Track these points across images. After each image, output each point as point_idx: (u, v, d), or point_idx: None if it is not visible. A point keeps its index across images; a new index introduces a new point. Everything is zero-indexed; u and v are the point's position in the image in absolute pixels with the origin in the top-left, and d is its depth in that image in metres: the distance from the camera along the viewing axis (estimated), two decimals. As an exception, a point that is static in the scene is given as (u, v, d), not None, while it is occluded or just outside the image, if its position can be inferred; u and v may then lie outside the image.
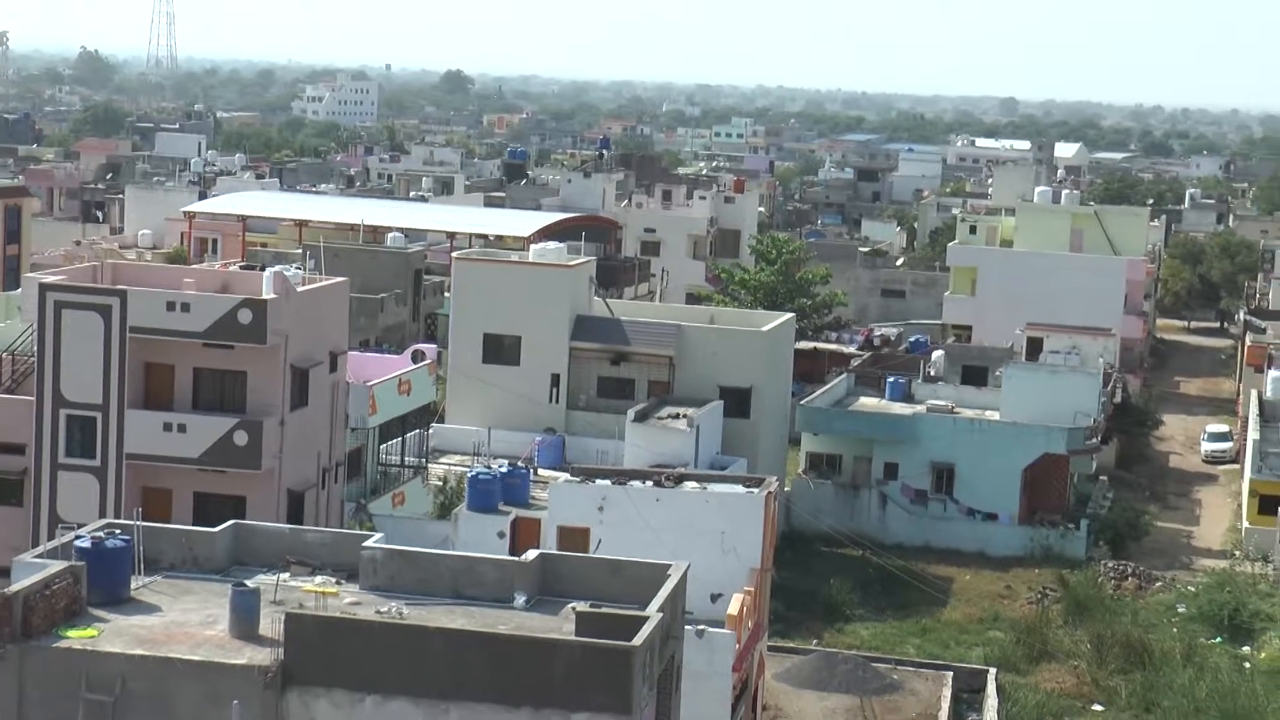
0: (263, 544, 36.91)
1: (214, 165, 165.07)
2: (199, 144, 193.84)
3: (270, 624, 31.59)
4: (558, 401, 71.15)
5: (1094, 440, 77.06)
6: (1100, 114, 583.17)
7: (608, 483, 49.14)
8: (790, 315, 79.08)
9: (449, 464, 66.04)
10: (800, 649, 57.23)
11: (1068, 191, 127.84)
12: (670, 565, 34.76)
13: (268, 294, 51.49)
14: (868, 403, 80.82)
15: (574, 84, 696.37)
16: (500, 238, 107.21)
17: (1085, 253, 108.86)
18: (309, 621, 30.79)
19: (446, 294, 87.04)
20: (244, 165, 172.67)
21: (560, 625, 32.53)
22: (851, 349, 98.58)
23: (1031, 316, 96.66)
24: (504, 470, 55.14)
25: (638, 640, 30.08)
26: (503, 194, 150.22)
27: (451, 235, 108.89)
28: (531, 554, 35.67)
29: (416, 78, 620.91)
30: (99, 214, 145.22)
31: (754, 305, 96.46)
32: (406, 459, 62.87)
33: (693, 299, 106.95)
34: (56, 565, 32.33)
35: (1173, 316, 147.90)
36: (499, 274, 73.63)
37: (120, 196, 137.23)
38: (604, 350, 71.47)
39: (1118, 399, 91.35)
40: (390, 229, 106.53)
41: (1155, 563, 73.10)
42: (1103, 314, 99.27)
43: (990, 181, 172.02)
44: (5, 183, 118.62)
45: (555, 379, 71.35)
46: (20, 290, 56.63)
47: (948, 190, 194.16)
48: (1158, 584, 69.46)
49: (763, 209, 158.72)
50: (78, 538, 34.11)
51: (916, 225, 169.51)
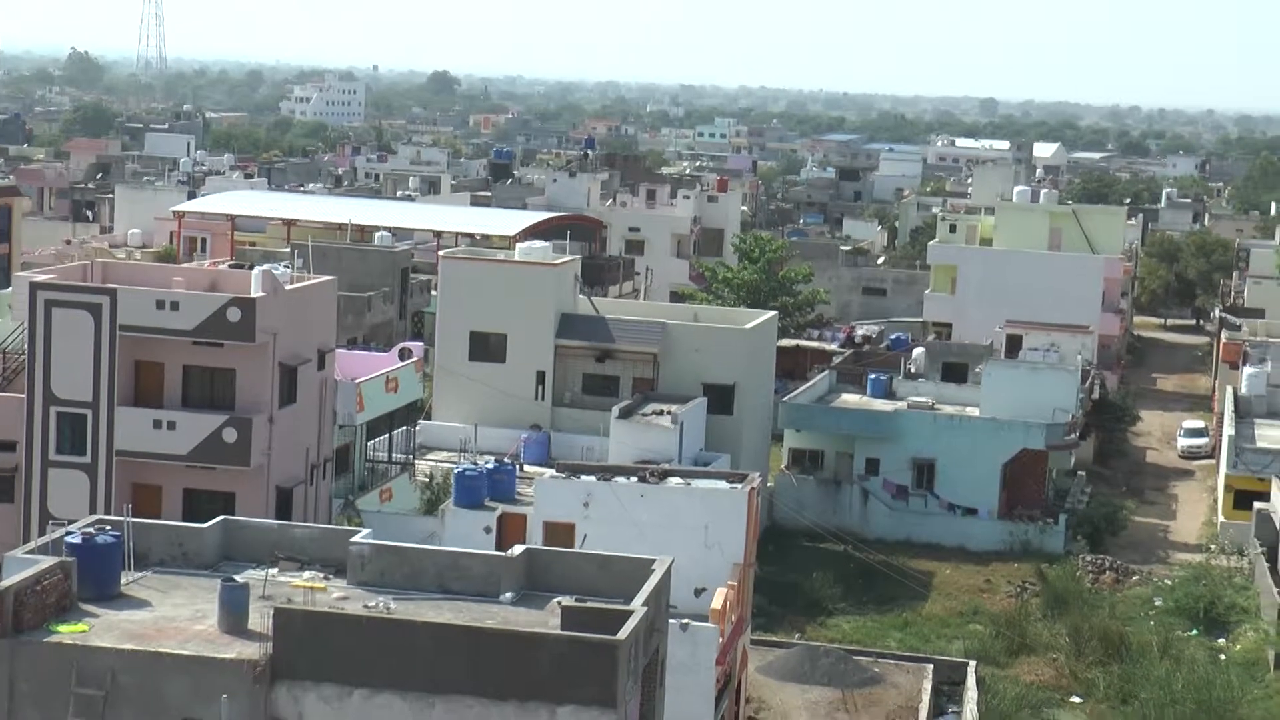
0: (251, 540, 36.90)
1: (203, 165, 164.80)
2: (188, 144, 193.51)
3: (259, 619, 31.59)
4: (543, 398, 71.11)
5: (1072, 436, 77.20)
6: (1078, 114, 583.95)
7: (593, 479, 49.16)
8: (773, 313, 79.07)
9: (436, 460, 65.97)
10: (783, 643, 57.25)
11: (1046, 191, 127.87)
12: (654, 560, 34.80)
13: (256, 292, 51.41)
14: (849, 399, 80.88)
15: (559, 84, 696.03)
16: (486, 237, 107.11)
17: (1063, 251, 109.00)
18: (297, 616, 30.78)
19: (433, 292, 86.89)
20: (233, 165, 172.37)
21: (546, 619, 32.54)
22: (833, 346, 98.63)
23: (1011, 314, 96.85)
24: (490, 466, 55.14)
25: (622, 634, 30.10)
26: (489, 193, 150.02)
27: (438, 234, 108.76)
28: (517, 549, 35.70)
29: (403, 78, 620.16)
30: (89, 213, 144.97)
31: (737, 303, 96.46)
32: (394, 455, 62.83)
33: (676, 297, 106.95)
34: (47, 561, 32.31)
35: (1149, 314, 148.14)
36: (485, 272, 73.57)
37: (110, 196, 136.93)
38: (589, 348, 71.44)
39: (1095, 395, 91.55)
40: (377, 228, 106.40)
41: (1132, 557, 73.25)
42: (1081, 312, 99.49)
43: (970, 181, 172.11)
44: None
45: (541, 376, 71.31)
46: (11, 289, 56.46)
47: (928, 189, 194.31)
48: (1135, 578, 69.61)
49: (745, 208, 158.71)
50: (68, 534, 34.09)
51: (897, 224, 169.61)
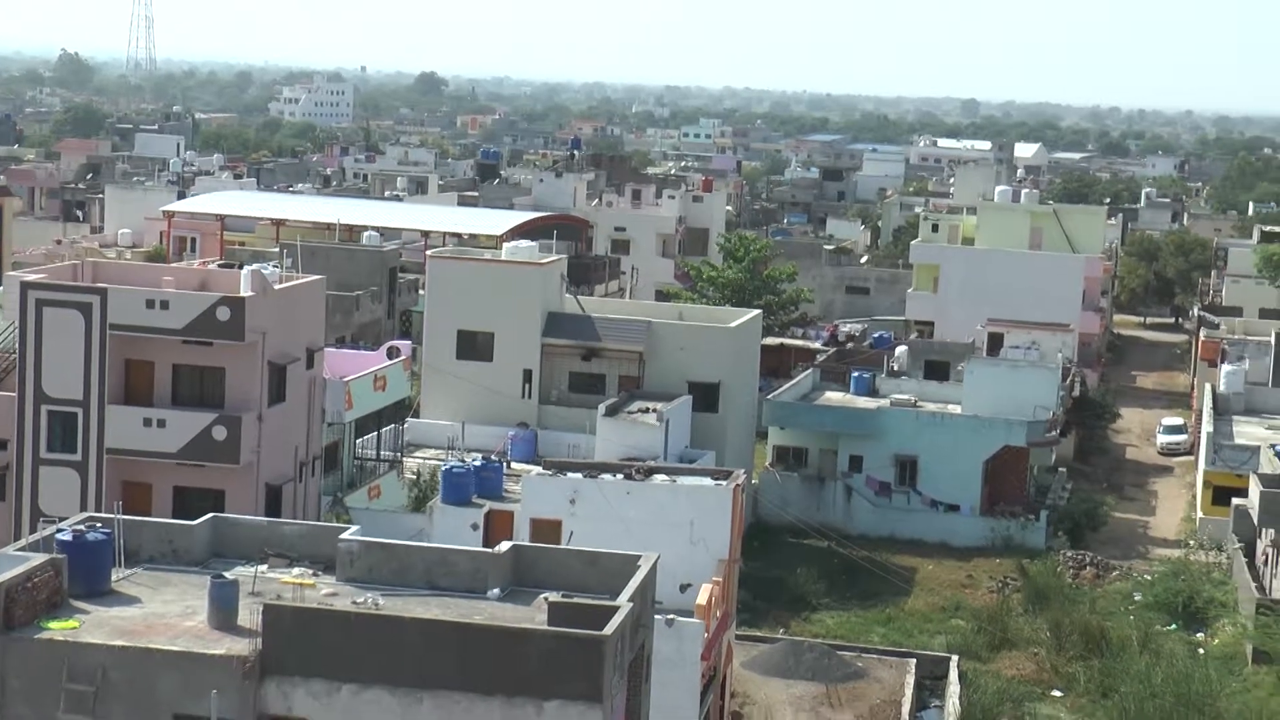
0: (241, 537, 36.88)
1: (192, 165, 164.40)
2: (178, 144, 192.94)
3: (248, 615, 31.56)
4: (530, 396, 71.11)
5: (1053, 433, 77.31)
6: (1059, 115, 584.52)
7: (579, 476, 49.19)
8: (757, 312, 79.09)
9: (424, 458, 65.94)
10: (767, 638, 57.32)
11: (1027, 191, 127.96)
12: (640, 556, 34.82)
13: (245, 292, 51.35)
14: (833, 397, 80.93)
15: (546, 86, 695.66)
16: (473, 236, 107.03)
17: (1044, 250, 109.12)
18: (287, 612, 30.76)
19: (421, 291, 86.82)
20: (222, 165, 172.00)
21: (533, 615, 32.54)
22: (817, 344, 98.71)
23: (992, 312, 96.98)
24: (477, 464, 55.16)
25: (609, 630, 30.12)
26: (476, 193, 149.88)
27: (426, 234, 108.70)
28: (505, 546, 35.70)
29: (391, 79, 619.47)
30: (79, 213, 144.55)
31: (722, 302, 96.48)
32: (382, 453, 62.80)
33: (662, 296, 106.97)
34: (38, 558, 32.25)
35: (1129, 312, 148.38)
36: (472, 272, 73.55)
37: (100, 196, 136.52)
38: (575, 346, 71.44)
39: (1076, 393, 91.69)
40: (366, 228, 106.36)
41: (1112, 552, 73.39)
42: (1061, 310, 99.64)
43: (952, 181, 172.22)
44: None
45: (527, 374, 71.31)
46: (2, 288, 56.36)
47: (910, 189, 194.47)
48: (1115, 573, 69.74)
49: (730, 208, 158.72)
50: (59, 531, 34.03)
51: (880, 224, 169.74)
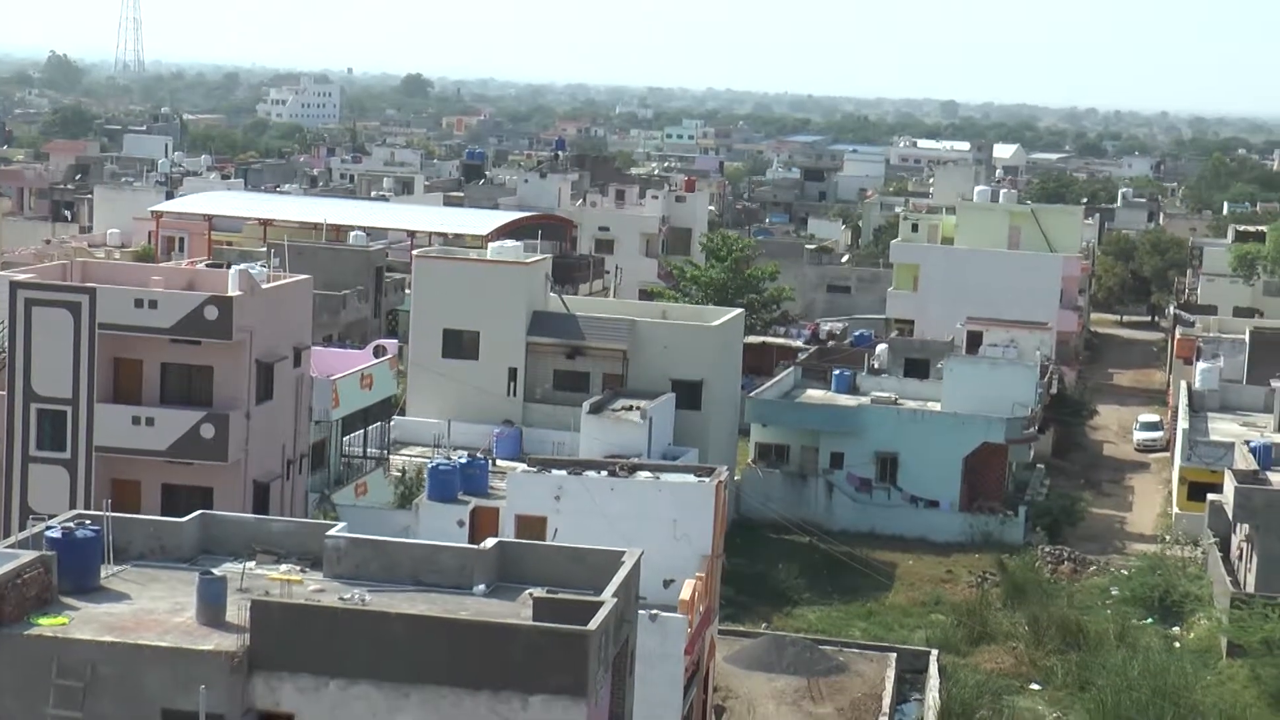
0: (229, 534, 36.81)
1: (180, 166, 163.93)
2: (166, 145, 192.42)
3: (237, 611, 31.51)
4: (515, 394, 71.10)
5: (1031, 430, 77.45)
6: (1037, 116, 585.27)
7: (564, 473, 49.17)
8: (739, 310, 79.13)
9: (410, 455, 65.91)
10: (750, 632, 57.36)
11: (1006, 191, 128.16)
12: (624, 552, 34.82)
13: (233, 291, 51.28)
14: (814, 395, 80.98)
15: (530, 87, 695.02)
16: (459, 236, 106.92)
17: (1022, 250, 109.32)
18: (274, 608, 30.72)
19: (407, 291, 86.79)
20: (210, 166, 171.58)
21: (518, 611, 32.53)
22: (799, 343, 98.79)
23: (971, 311, 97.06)
24: (463, 461, 55.12)
25: (593, 625, 30.12)
26: (461, 194, 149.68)
27: (412, 234, 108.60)
28: (490, 542, 35.67)
29: (377, 81, 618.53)
30: (68, 213, 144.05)
31: (704, 301, 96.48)
32: (368, 451, 62.74)
33: (645, 295, 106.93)
34: (28, 555, 32.15)
35: (1106, 311, 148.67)
36: (458, 271, 73.50)
37: (89, 196, 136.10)
38: (560, 345, 71.43)
39: (1054, 390, 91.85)
40: (352, 228, 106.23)
41: (1090, 547, 73.52)
42: (1039, 309, 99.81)
43: (931, 181, 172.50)
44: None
45: (513, 373, 71.29)
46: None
47: (891, 190, 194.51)
48: (1092, 568, 69.88)
49: (713, 208, 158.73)
50: (48, 528, 33.94)
51: (861, 223, 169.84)
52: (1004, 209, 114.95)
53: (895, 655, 55.74)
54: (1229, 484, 63.64)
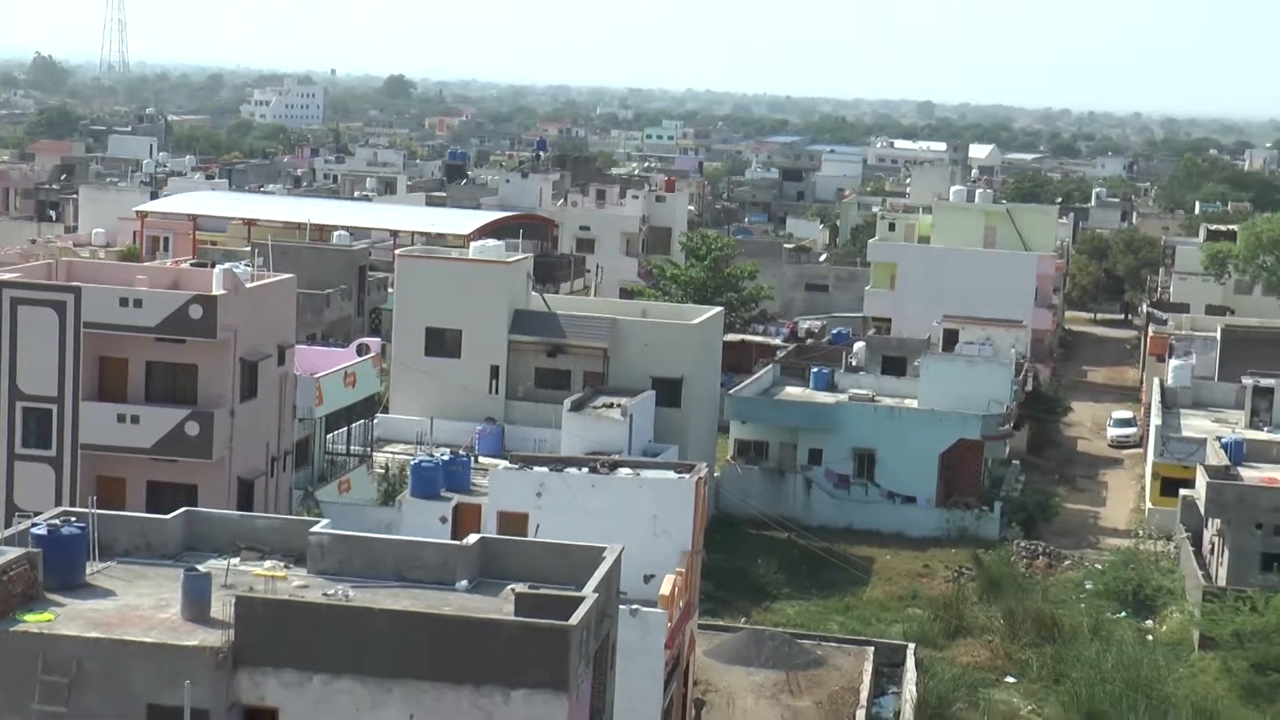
0: (214, 530, 36.73)
1: (165, 166, 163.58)
2: (150, 146, 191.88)
3: (221, 607, 31.46)
4: (497, 392, 71.04)
5: (1006, 426, 77.60)
6: (1012, 117, 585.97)
7: (545, 470, 49.11)
8: (719, 309, 79.17)
9: (393, 452, 65.83)
10: (729, 627, 57.37)
11: (981, 190, 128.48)
12: (605, 548, 34.82)
13: (217, 290, 51.19)
14: (793, 392, 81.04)
15: (512, 88, 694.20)
16: (441, 235, 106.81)
17: (998, 249, 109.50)
18: (259, 604, 30.67)
19: (390, 290, 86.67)
20: (194, 166, 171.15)
21: (500, 606, 32.51)
22: (777, 341, 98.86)
23: (948, 309, 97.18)
24: (446, 458, 55.01)
25: (574, 620, 30.11)
26: (443, 194, 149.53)
27: (394, 233, 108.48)
28: (472, 538, 35.64)
29: (361, 82, 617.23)
30: (53, 213, 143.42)
31: (684, 299, 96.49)
32: (352, 448, 62.66)
33: (626, 294, 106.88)
34: (13, 552, 32.05)
35: (1080, 309, 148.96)
36: (440, 270, 73.43)
37: (74, 196, 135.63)
38: (541, 343, 71.39)
39: (1029, 387, 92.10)
40: (336, 227, 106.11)
41: (1064, 542, 73.67)
42: (1015, 307, 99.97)
43: (908, 181, 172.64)
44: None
45: (494, 371, 71.24)
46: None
47: (868, 189, 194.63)
48: (1066, 562, 70.02)
49: (692, 207, 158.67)
50: (34, 525, 33.82)
51: (838, 223, 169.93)
52: (980, 208, 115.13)
53: (873, 649, 55.78)
54: (1201, 479, 63.82)
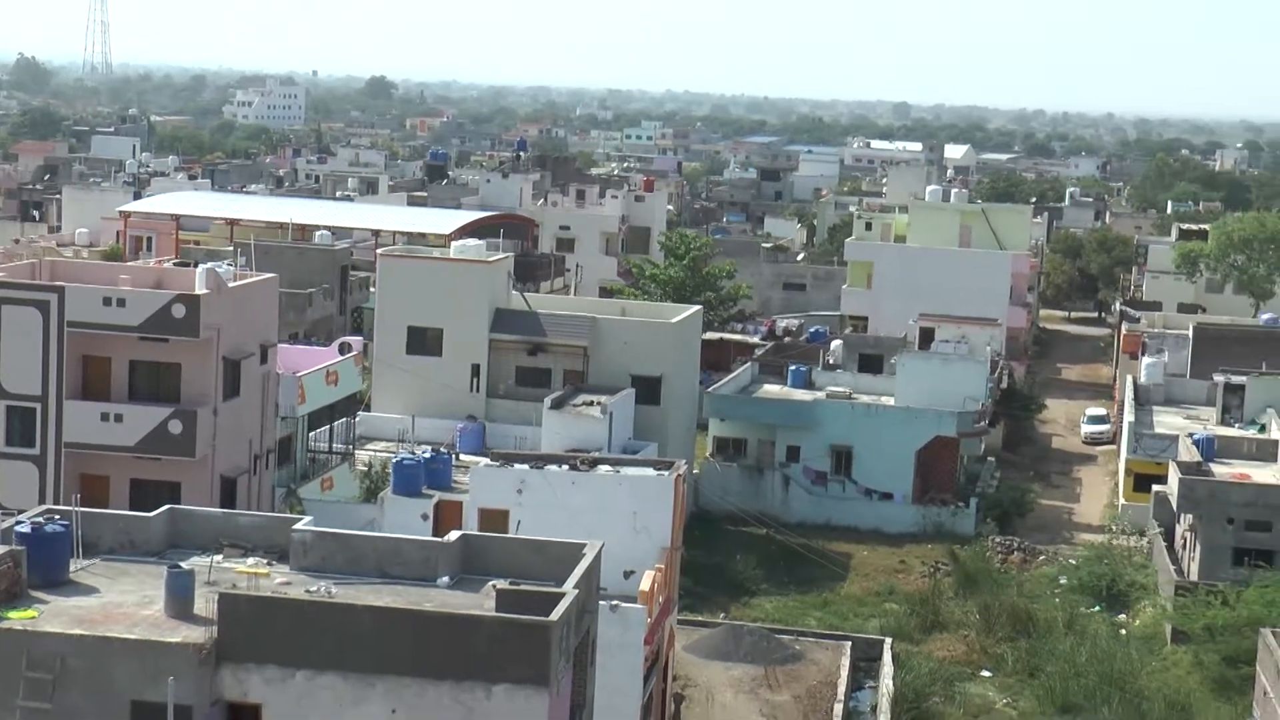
0: (197, 528, 36.64)
1: (148, 167, 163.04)
2: (133, 146, 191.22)
3: (204, 604, 31.39)
4: (478, 390, 70.96)
5: (982, 424, 77.75)
6: (987, 117, 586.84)
7: (526, 467, 49.08)
8: (697, 308, 79.19)
9: (375, 450, 65.72)
10: (708, 622, 57.42)
11: (957, 190, 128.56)
12: (585, 544, 34.80)
13: (200, 289, 51.08)
14: (771, 390, 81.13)
15: (492, 89, 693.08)
16: (423, 235, 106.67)
17: (973, 248, 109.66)
18: (242, 601, 30.61)
19: (372, 289, 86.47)
20: (177, 166, 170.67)
21: (481, 602, 32.48)
22: (755, 339, 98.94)
23: (924, 308, 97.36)
24: (427, 456, 54.98)
25: (555, 615, 30.11)
26: (425, 194, 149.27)
27: (376, 233, 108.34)
28: (454, 535, 35.61)
29: (342, 83, 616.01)
30: (37, 213, 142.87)
31: (663, 298, 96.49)
32: (334, 446, 62.56)
33: (605, 293, 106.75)
34: (-2, 550, 31.96)
35: (1054, 307, 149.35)
36: (421, 270, 73.34)
37: (58, 197, 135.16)
38: (522, 341, 71.33)
39: (1004, 385, 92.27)
40: (318, 227, 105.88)
41: (1039, 538, 73.86)
42: (990, 305, 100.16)
43: (884, 181, 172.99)
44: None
45: (475, 369, 71.16)
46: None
47: (845, 189, 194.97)
48: (1041, 557, 70.20)
49: (671, 207, 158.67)
50: (18, 523, 33.73)
51: (816, 222, 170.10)
52: (955, 208, 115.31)
53: (850, 644, 55.88)
54: (1173, 475, 64.03)
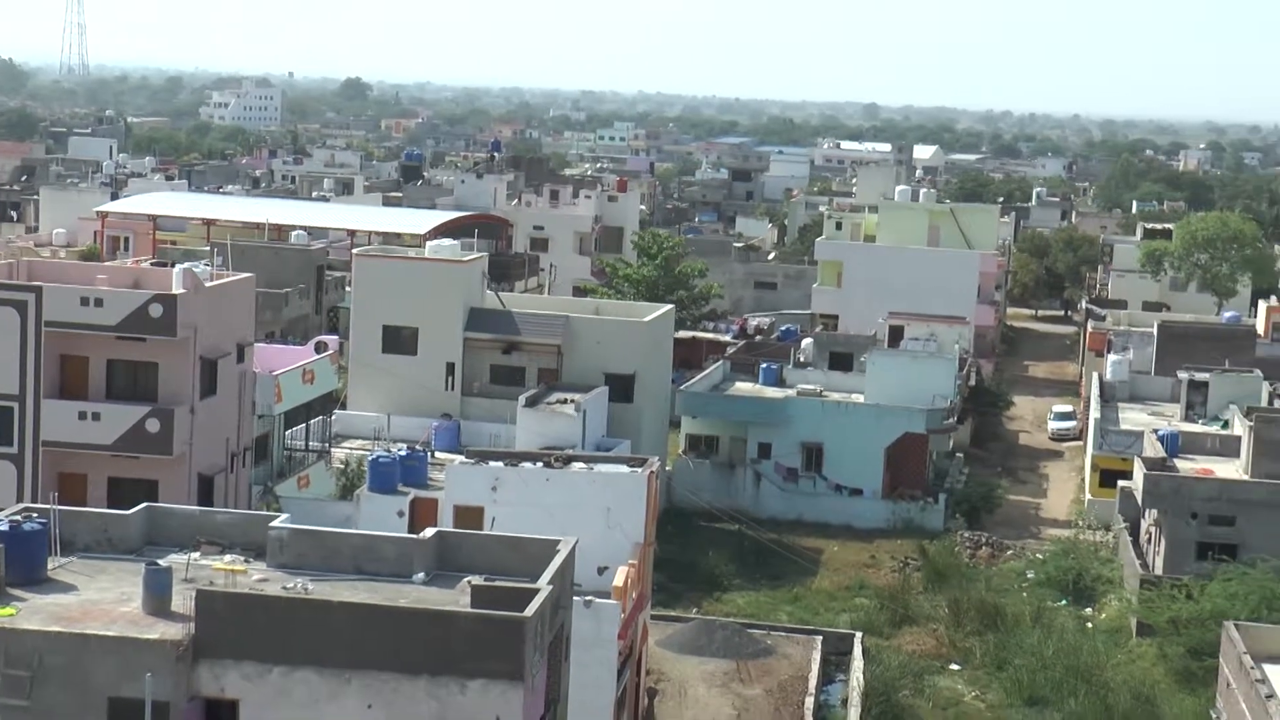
0: (174, 525, 36.55)
1: (125, 167, 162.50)
2: (110, 147, 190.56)
3: (182, 601, 31.31)
4: (453, 389, 70.88)
5: (951, 420, 77.94)
6: (955, 118, 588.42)
7: (500, 464, 49.02)
8: (670, 306, 79.24)
9: (351, 448, 65.58)
10: (681, 617, 57.43)
11: (925, 190, 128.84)
12: (559, 541, 34.81)
13: (177, 289, 50.95)
14: (743, 387, 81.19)
15: (466, 90, 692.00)
16: (398, 235, 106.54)
17: (942, 247, 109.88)
18: (219, 597, 30.55)
19: (347, 288, 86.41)
20: (154, 167, 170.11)
21: (456, 598, 32.47)
22: (727, 337, 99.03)
23: (893, 306, 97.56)
24: (403, 453, 54.94)
25: (529, 611, 30.11)
26: (400, 194, 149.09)
27: (352, 233, 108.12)
28: (429, 532, 35.60)
29: (318, 85, 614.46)
30: (14, 214, 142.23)
31: (636, 297, 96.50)
32: (310, 444, 62.42)
33: (579, 292, 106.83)
34: (-24, 548, 31.83)
35: (1021, 305, 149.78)
36: (397, 269, 73.22)
37: (35, 197, 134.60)
38: (496, 340, 71.27)
39: (972, 382, 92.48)
40: (294, 227, 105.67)
41: (1007, 533, 74.03)
42: (958, 304, 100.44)
43: (854, 181, 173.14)
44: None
45: (450, 367, 71.08)
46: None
47: (815, 189, 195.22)
48: (1009, 552, 70.36)
49: (644, 207, 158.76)
50: (-4, 521, 33.59)
51: (786, 222, 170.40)
52: (924, 208, 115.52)
53: (821, 638, 55.92)
54: (1138, 471, 64.26)
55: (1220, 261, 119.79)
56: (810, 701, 50.02)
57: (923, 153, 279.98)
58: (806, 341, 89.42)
